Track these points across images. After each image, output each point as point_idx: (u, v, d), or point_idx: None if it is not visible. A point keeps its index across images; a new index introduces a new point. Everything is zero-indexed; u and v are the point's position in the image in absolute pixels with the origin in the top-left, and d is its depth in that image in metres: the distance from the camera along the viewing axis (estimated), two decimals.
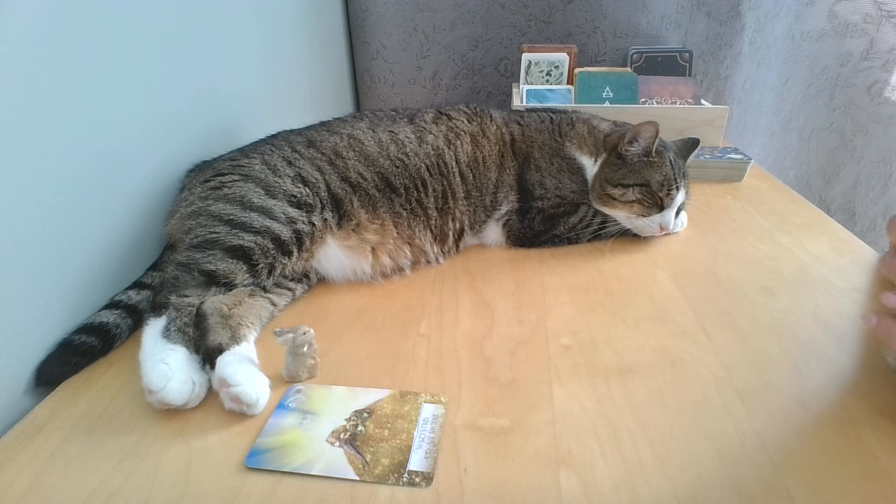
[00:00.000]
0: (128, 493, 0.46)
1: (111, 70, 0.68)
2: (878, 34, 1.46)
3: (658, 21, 1.46)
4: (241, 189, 0.72)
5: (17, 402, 0.57)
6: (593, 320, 0.68)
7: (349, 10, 1.48)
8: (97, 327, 0.63)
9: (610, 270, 0.81)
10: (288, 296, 0.73)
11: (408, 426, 0.52)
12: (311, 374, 0.59)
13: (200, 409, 0.55)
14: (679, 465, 0.47)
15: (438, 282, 0.79)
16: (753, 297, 0.73)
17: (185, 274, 0.64)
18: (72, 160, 0.63)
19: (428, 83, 1.56)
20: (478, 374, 0.59)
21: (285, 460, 0.49)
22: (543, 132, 0.92)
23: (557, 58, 1.39)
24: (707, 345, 0.63)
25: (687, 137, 0.99)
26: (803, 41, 1.50)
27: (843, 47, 1.49)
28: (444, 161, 0.84)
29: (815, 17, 1.47)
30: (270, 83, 1.10)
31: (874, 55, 1.48)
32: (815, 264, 0.80)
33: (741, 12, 1.43)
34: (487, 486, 0.46)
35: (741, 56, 1.49)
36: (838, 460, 0.47)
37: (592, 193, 0.89)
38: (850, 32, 1.47)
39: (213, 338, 0.58)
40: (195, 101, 0.85)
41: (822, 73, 1.54)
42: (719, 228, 0.93)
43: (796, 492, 0.45)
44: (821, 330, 0.66)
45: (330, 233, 0.76)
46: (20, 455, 0.50)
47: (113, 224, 0.69)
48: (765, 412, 0.53)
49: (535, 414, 0.53)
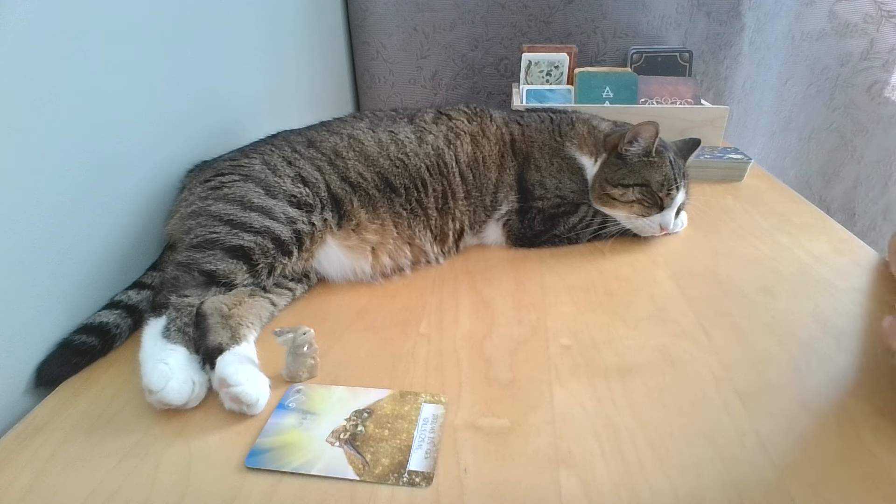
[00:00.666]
0: (128, 493, 0.46)
1: (111, 70, 0.68)
2: (878, 34, 1.46)
3: (658, 21, 1.46)
4: (241, 189, 0.72)
5: (17, 402, 0.57)
6: (593, 320, 0.68)
7: (349, 10, 1.48)
8: (97, 327, 0.63)
9: (610, 270, 0.81)
10: (288, 296, 0.73)
11: (408, 426, 0.52)
12: (311, 374, 0.59)
13: (200, 409, 0.55)
14: (679, 466, 0.47)
15: (438, 282, 0.79)
16: (753, 297, 0.73)
17: (185, 274, 0.64)
18: (72, 160, 0.63)
19: (428, 83, 1.56)
20: (478, 374, 0.59)
21: (285, 460, 0.49)
22: (543, 132, 0.92)
23: (557, 58, 1.39)
24: (707, 345, 0.63)
25: (687, 137, 0.99)
26: (803, 41, 1.50)
27: (843, 47, 1.49)
28: (444, 161, 0.84)
29: (815, 17, 1.47)
30: (270, 83, 1.10)
31: (874, 55, 1.48)
32: (815, 264, 0.80)
33: (741, 12, 1.43)
34: (487, 486, 0.46)
35: (741, 56, 1.49)
36: (839, 460, 0.47)
37: (592, 193, 0.89)
38: (850, 32, 1.47)
39: (213, 338, 0.58)
40: (195, 101, 0.85)
41: (822, 73, 1.54)
42: (719, 228, 0.93)
43: (796, 492, 0.45)
44: (821, 330, 0.66)
45: (330, 233, 0.76)
46: (20, 455, 0.50)
47: (113, 224, 0.69)
48: (765, 412, 0.53)
49: (535, 414, 0.53)
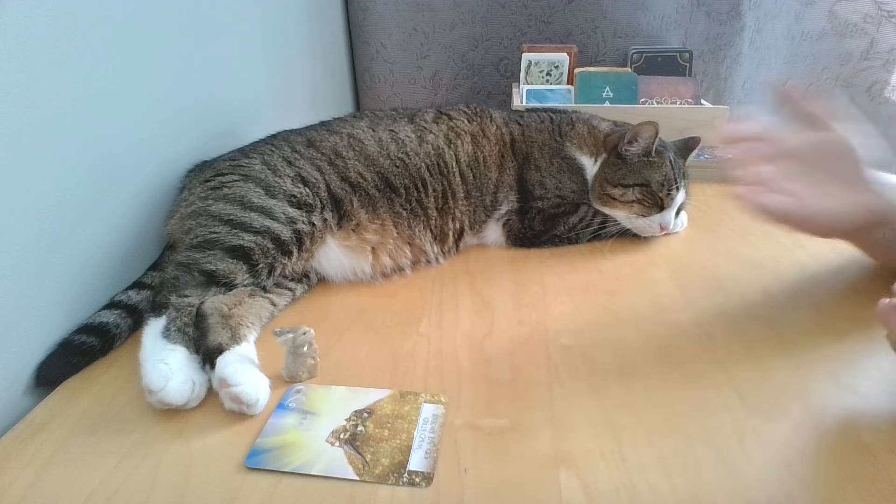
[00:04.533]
0: (128, 493, 0.46)
1: (111, 70, 0.68)
2: (878, 34, 1.46)
3: (658, 21, 1.46)
4: (241, 189, 0.72)
5: (17, 402, 0.57)
6: (593, 320, 0.68)
7: (349, 10, 1.48)
8: (97, 327, 0.63)
9: (610, 270, 0.81)
10: (288, 296, 0.73)
11: (408, 426, 0.52)
12: (311, 374, 0.59)
13: (200, 409, 0.55)
14: (679, 466, 0.47)
15: (438, 282, 0.79)
16: (753, 297, 0.72)
17: (185, 274, 0.64)
18: (72, 160, 0.63)
19: (428, 83, 1.55)
20: (478, 374, 0.59)
21: (285, 460, 0.49)
22: (543, 132, 0.92)
23: (557, 58, 1.39)
24: (707, 345, 0.63)
25: (687, 137, 0.99)
26: (803, 41, 1.50)
27: (843, 47, 1.49)
28: (444, 161, 0.84)
29: (815, 17, 1.47)
30: (270, 83, 1.10)
31: (874, 55, 1.48)
32: (815, 264, 0.80)
33: (741, 12, 1.43)
34: (487, 486, 0.46)
35: (741, 56, 1.49)
36: (838, 460, 0.47)
37: (592, 193, 0.89)
38: (850, 32, 1.47)
39: (213, 338, 0.58)
40: (195, 101, 0.85)
41: (822, 73, 1.53)
42: (719, 228, 0.93)
43: (796, 492, 0.44)
44: (821, 330, 0.66)
45: (330, 233, 0.76)
46: (20, 455, 0.50)
47: (113, 224, 0.69)
48: (765, 412, 0.53)
49: (535, 414, 0.53)
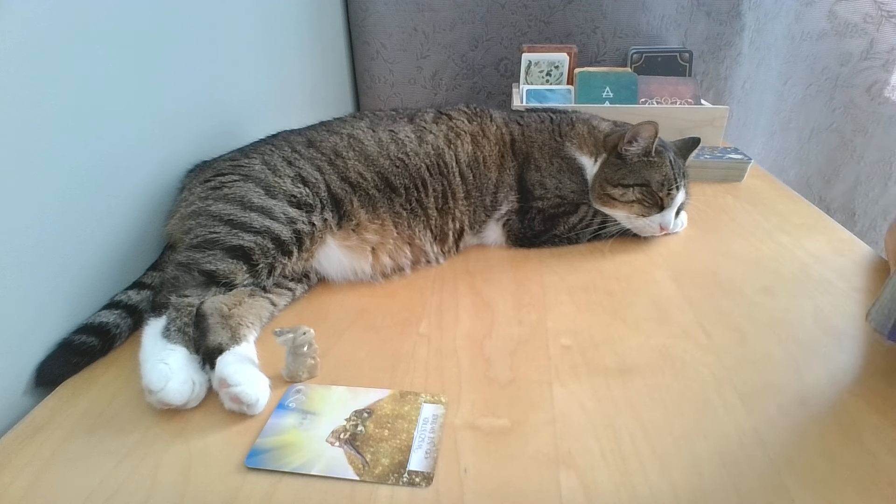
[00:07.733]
0: (128, 493, 0.46)
1: (111, 70, 0.68)
2: (878, 34, 1.46)
3: (658, 21, 1.46)
4: (241, 189, 0.72)
5: (17, 402, 0.57)
6: (593, 320, 0.68)
7: (349, 10, 1.48)
8: (97, 327, 0.63)
9: (610, 270, 0.81)
10: (288, 296, 0.73)
11: (408, 426, 0.52)
12: (311, 374, 0.59)
13: (200, 409, 0.55)
14: (679, 465, 0.47)
15: (438, 282, 0.79)
16: (753, 297, 0.73)
17: (185, 274, 0.64)
18: (72, 160, 0.63)
19: (428, 83, 1.56)
20: (478, 374, 0.59)
21: (285, 460, 0.49)
22: (543, 132, 0.92)
23: (557, 58, 1.39)
24: (707, 345, 0.63)
25: (687, 137, 0.99)
26: (803, 41, 1.50)
27: (843, 47, 1.49)
28: (444, 161, 0.84)
29: (815, 17, 1.47)
30: (270, 83, 1.10)
31: (874, 55, 1.48)
32: (815, 264, 0.80)
33: (741, 12, 1.43)
34: (487, 486, 0.46)
35: (741, 56, 1.49)
36: (838, 460, 0.47)
37: (592, 193, 0.89)
38: (850, 32, 1.47)
39: (213, 338, 0.58)
40: (195, 101, 0.85)
41: (822, 73, 1.54)
42: (719, 228, 0.93)
43: (796, 492, 0.45)
44: (821, 330, 0.66)
45: (330, 233, 0.76)
46: (20, 455, 0.50)
47: (113, 224, 0.69)
48: (765, 412, 0.53)
49: (535, 414, 0.53)
